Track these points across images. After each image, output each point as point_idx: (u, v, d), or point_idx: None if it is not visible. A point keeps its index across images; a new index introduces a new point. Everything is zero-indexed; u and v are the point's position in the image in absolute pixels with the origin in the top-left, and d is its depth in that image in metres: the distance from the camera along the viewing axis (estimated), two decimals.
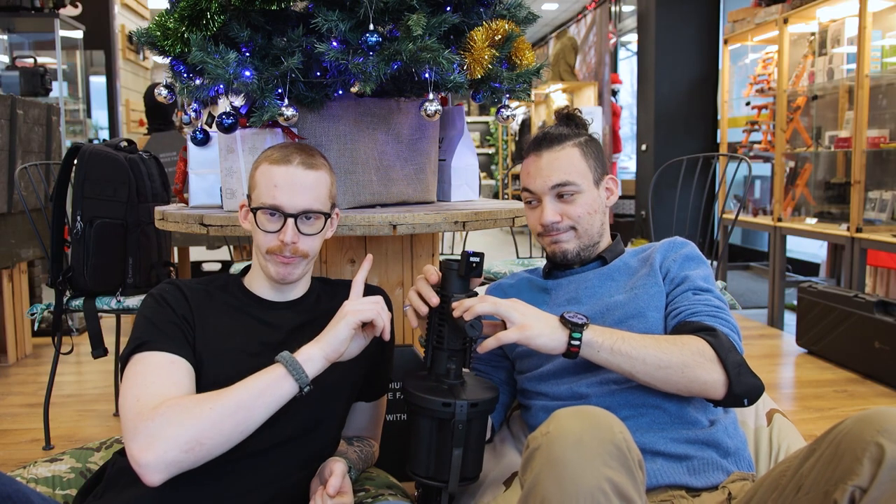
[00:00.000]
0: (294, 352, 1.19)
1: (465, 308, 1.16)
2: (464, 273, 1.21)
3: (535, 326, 1.16)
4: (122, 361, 1.18)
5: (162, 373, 1.13)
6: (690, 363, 1.17)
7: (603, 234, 1.42)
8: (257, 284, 1.33)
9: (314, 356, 1.15)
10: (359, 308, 1.18)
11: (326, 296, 1.38)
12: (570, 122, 1.44)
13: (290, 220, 1.24)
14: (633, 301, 1.32)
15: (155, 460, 1.02)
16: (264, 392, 1.11)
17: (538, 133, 1.42)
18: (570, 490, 0.90)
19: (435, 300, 1.21)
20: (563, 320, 1.18)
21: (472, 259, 1.20)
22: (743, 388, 1.18)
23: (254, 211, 1.26)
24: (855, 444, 0.93)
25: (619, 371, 1.19)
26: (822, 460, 0.97)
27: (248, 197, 1.31)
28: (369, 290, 1.42)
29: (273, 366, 1.14)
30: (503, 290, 1.49)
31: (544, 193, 1.36)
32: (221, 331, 1.24)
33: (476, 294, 1.24)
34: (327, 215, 1.30)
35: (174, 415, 1.05)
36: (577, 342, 1.16)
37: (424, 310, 1.22)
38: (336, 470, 1.20)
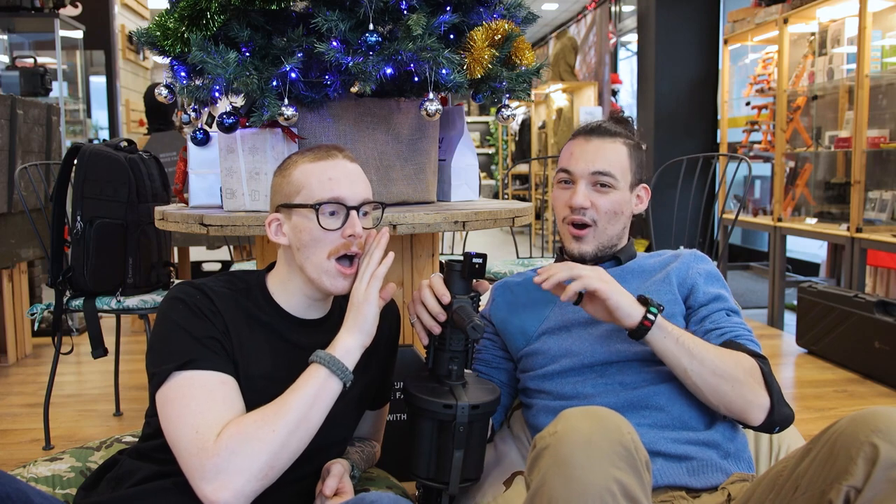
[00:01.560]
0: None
1: (546, 278, 1.20)
2: (466, 274, 1.20)
3: (616, 287, 1.21)
4: (158, 374, 1.09)
5: (216, 397, 1.06)
6: (743, 380, 1.19)
7: (622, 237, 1.41)
8: (287, 298, 1.23)
9: (352, 348, 1.12)
10: (374, 292, 1.14)
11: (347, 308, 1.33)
12: (622, 123, 1.44)
13: (353, 213, 1.18)
14: None
15: (234, 498, 0.99)
16: (317, 400, 1.08)
17: (592, 122, 1.41)
18: (577, 490, 0.90)
19: (443, 317, 1.20)
20: (641, 298, 1.21)
21: (474, 260, 1.19)
22: (780, 416, 1.22)
23: (315, 208, 1.16)
24: (849, 444, 0.93)
25: (675, 364, 1.21)
26: (818, 460, 0.97)
27: (284, 205, 1.20)
28: (390, 304, 1.41)
29: (312, 368, 1.10)
30: (510, 289, 1.49)
31: (582, 177, 1.35)
32: (255, 353, 1.17)
33: (478, 295, 1.24)
34: (383, 206, 1.27)
35: (238, 445, 1.01)
36: (652, 318, 1.18)
37: (438, 329, 1.21)
38: (333, 471, 1.19)
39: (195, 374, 1.07)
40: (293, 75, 1.49)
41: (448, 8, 1.56)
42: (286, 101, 1.49)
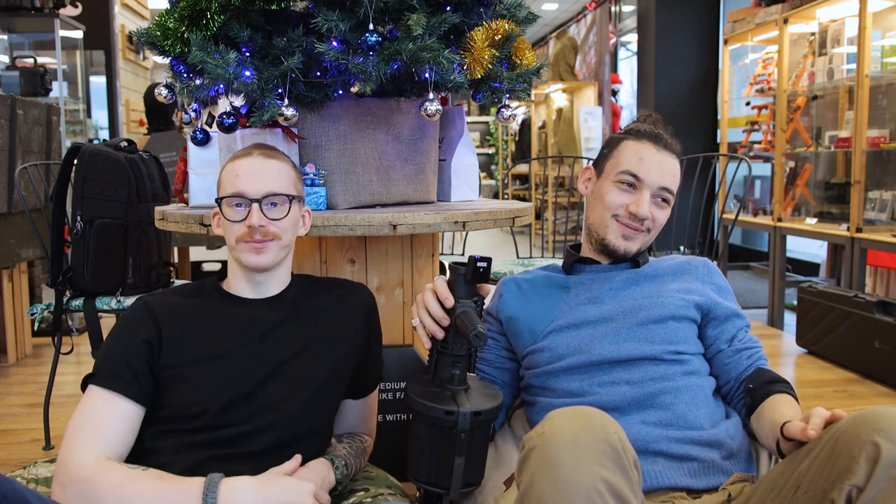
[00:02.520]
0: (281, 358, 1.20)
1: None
2: (470, 278, 1.19)
3: None
4: (82, 384, 1.21)
5: (95, 415, 1.16)
6: None
7: None
8: (234, 283, 1.33)
9: (241, 501, 1.07)
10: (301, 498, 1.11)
11: (309, 293, 1.37)
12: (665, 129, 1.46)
13: (255, 205, 1.26)
14: (658, 308, 1.33)
15: None
16: None
17: (653, 129, 1.42)
18: (565, 490, 0.90)
19: (446, 322, 1.20)
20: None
21: (479, 264, 1.17)
22: None
23: (219, 202, 1.28)
24: (851, 444, 0.93)
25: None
26: (820, 460, 0.97)
27: (217, 201, 1.31)
28: (359, 289, 1.43)
29: (193, 487, 1.08)
30: (518, 285, 1.47)
31: (651, 187, 1.37)
32: (194, 338, 1.24)
33: (482, 298, 1.23)
34: (292, 198, 1.30)
35: (87, 492, 1.08)
36: None
37: (441, 335, 1.21)
38: (291, 465, 1.19)
39: (92, 390, 1.19)
40: (293, 75, 1.49)
41: (448, 8, 1.56)
42: (286, 101, 1.49)
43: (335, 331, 1.34)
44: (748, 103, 4.77)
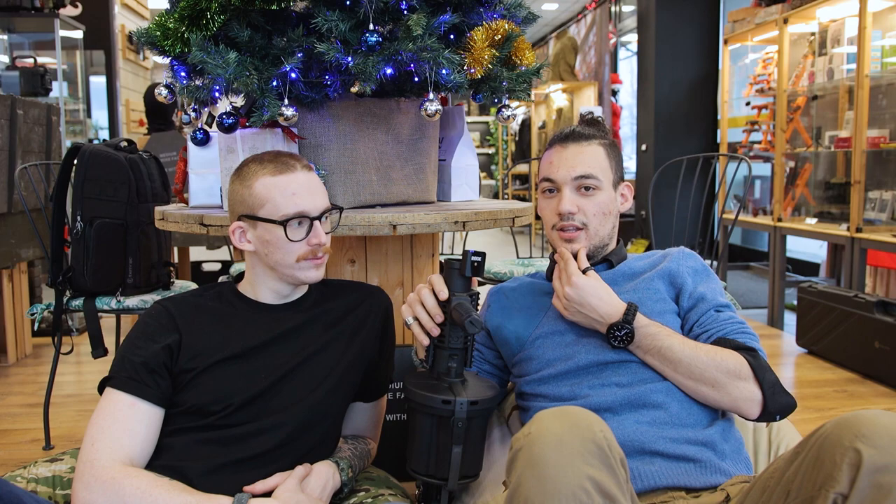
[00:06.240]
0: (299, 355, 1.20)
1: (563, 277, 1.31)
2: (465, 272, 1.22)
3: (573, 318, 1.33)
4: (99, 385, 1.22)
5: (119, 418, 1.17)
6: (723, 381, 1.23)
7: (612, 237, 1.42)
8: (259, 291, 1.33)
9: None
10: None
11: (327, 296, 1.38)
12: (593, 125, 1.45)
13: (317, 222, 1.26)
14: (639, 306, 1.32)
15: None
16: None
17: (564, 129, 1.43)
18: (551, 489, 0.91)
19: (440, 318, 1.22)
20: (610, 335, 1.28)
21: (473, 258, 1.21)
22: (777, 406, 1.24)
23: (283, 224, 1.24)
24: (834, 450, 0.93)
25: (654, 368, 1.27)
26: (805, 465, 0.97)
27: (248, 216, 1.27)
28: (377, 292, 1.44)
29: (219, 502, 1.12)
30: (504, 294, 1.49)
31: (565, 183, 1.36)
32: (213, 342, 1.25)
33: (477, 294, 1.24)
34: (341, 209, 1.34)
35: (107, 496, 1.09)
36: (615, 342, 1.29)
37: (436, 331, 1.23)
38: (294, 471, 1.21)
39: (112, 393, 1.19)
40: (293, 75, 1.49)
41: (448, 8, 1.56)
42: (286, 101, 1.49)
43: (352, 334, 1.35)
44: (748, 103, 4.77)
